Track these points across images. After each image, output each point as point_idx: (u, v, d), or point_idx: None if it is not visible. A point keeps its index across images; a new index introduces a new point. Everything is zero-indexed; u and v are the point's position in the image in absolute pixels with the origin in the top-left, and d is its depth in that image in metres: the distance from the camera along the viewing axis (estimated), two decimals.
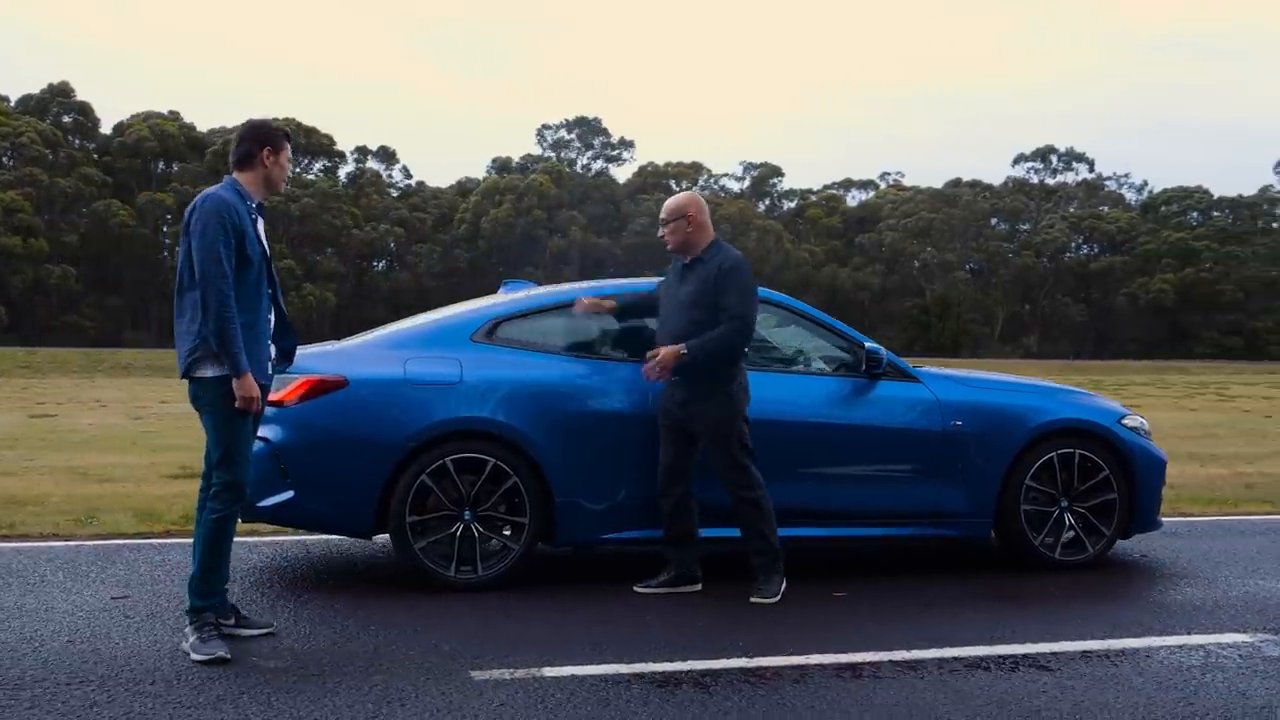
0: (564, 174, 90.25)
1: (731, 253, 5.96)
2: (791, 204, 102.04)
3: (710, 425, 5.83)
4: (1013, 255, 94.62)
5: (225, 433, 4.81)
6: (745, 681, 4.47)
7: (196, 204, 4.82)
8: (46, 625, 5.17)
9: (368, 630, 5.15)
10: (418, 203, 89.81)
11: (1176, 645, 5.08)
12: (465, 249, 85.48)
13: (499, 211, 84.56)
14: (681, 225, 6.03)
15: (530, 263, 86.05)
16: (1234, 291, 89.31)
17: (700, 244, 6.02)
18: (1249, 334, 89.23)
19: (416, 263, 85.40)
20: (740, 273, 5.85)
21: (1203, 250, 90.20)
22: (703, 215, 6.07)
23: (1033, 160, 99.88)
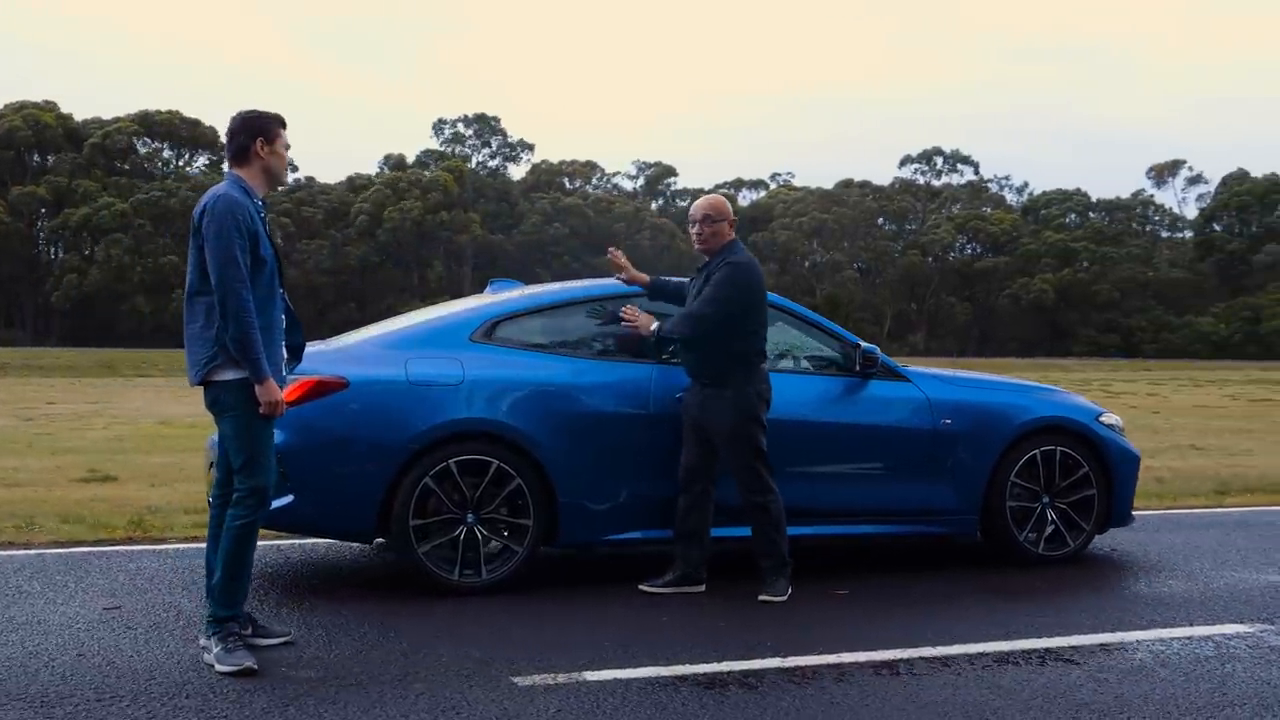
0: (465, 171, 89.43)
1: (738, 257, 5.97)
2: (684, 203, 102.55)
3: (724, 427, 5.84)
4: (899, 255, 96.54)
5: (247, 438, 4.65)
6: (789, 681, 4.48)
7: (206, 205, 4.64)
8: (47, 638, 4.95)
9: (387, 637, 5.04)
10: (305, 198, 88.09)
11: (1184, 637, 5.22)
12: (360, 245, 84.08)
13: (404, 206, 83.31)
14: (722, 227, 6.06)
15: (426, 260, 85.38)
16: (1110, 291, 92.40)
17: (721, 245, 6.04)
18: (1124, 332, 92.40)
19: (305, 259, 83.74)
20: (730, 270, 5.88)
21: (1081, 251, 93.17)
22: (731, 217, 6.14)
23: (919, 162, 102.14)
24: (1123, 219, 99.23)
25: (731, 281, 5.84)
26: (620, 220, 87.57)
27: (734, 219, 6.17)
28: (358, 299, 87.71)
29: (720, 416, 5.84)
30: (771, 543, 5.90)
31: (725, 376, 5.84)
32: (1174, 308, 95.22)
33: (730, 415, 5.82)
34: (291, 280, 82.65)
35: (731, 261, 5.90)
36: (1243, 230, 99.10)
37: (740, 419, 5.82)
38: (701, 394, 5.93)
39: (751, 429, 5.85)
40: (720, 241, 6.04)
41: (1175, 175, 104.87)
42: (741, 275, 5.87)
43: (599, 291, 6.52)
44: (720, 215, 6.08)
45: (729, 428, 5.83)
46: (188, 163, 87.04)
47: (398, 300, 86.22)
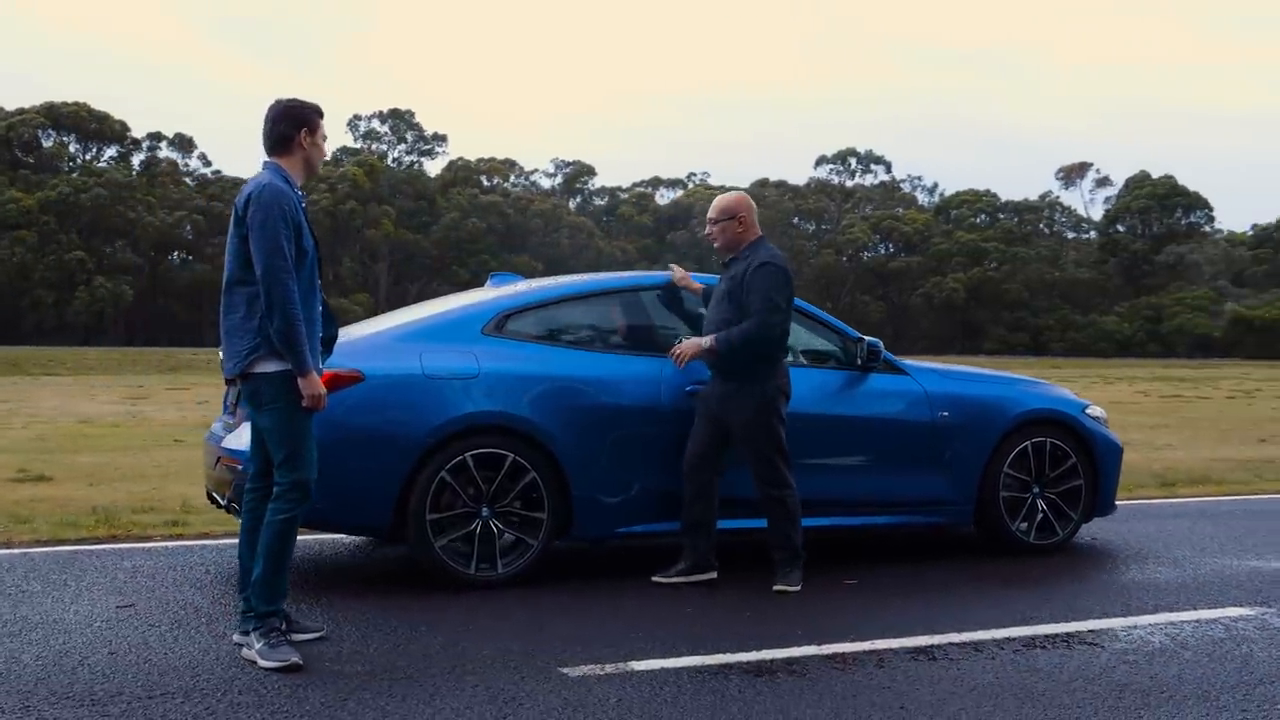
0: (377, 166, 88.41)
1: (767, 251, 6.01)
2: (603, 202, 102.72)
3: (744, 420, 5.88)
4: (815, 255, 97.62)
5: (290, 431, 4.60)
6: (833, 668, 4.55)
7: (251, 194, 4.57)
8: (71, 637, 4.84)
9: (418, 631, 5.01)
10: (217, 192, 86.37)
11: (1193, 620, 5.40)
12: None
13: (311, 200, 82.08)
14: (731, 226, 6.08)
15: (339, 256, 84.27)
16: (1019, 290, 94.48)
17: (743, 243, 6.07)
18: (1033, 330, 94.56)
19: (218, 254, 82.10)
20: (768, 270, 5.89)
21: (991, 251, 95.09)
22: (752, 215, 6.14)
23: (834, 162, 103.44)
24: (1031, 220, 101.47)
25: (781, 283, 5.88)
26: (538, 218, 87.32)
27: (743, 216, 6.11)
28: None
29: (743, 410, 5.88)
30: (786, 536, 5.97)
31: (750, 371, 5.88)
32: (1080, 306, 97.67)
33: (753, 409, 5.87)
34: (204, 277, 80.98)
35: (770, 262, 5.92)
36: (1145, 231, 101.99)
37: (763, 413, 5.88)
38: (723, 387, 5.96)
39: (773, 423, 5.91)
40: (737, 239, 6.07)
41: (1083, 177, 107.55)
42: (784, 274, 5.92)
43: (610, 284, 6.54)
44: (725, 215, 6.09)
45: (751, 421, 5.87)
46: (95, 156, 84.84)
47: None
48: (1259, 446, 15.00)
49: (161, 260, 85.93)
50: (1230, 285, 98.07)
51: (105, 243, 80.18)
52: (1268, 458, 13.53)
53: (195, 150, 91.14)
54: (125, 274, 79.40)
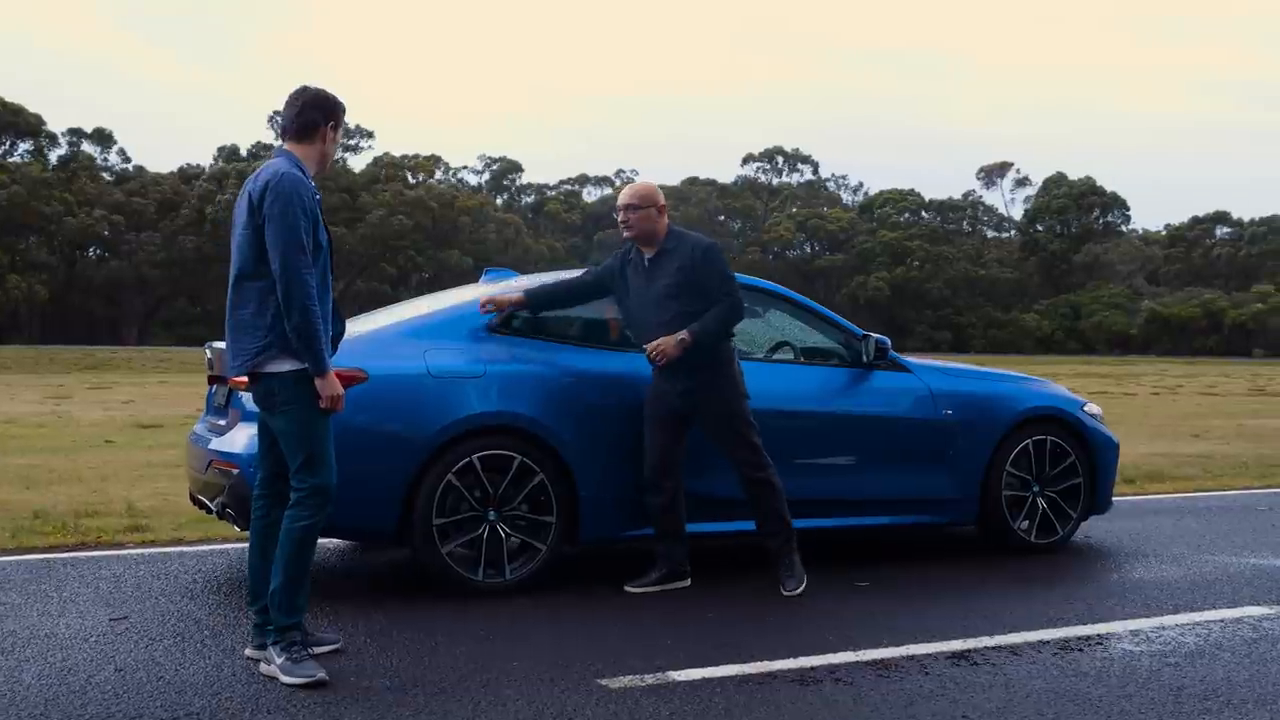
0: None
1: (697, 236, 5.89)
2: (530, 199, 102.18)
3: (720, 409, 5.72)
4: (742, 252, 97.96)
5: (308, 433, 4.35)
6: (877, 675, 4.42)
7: (269, 183, 4.31)
8: (69, 653, 4.55)
9: (437, 641, 4.79)
10: (136, 188, 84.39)
11: (1217, 620, 5.35)
12: (193, 236, 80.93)
13: (228, 199, 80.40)
14: (650, 213, 5.84)
15: None
16: (942, 289, 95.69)
17: (661, 233, 5.87)
18: (956, 328, 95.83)
19: (137, 251, 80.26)
20: (716, 253, 5.80)
21: (915, 249, 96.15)
22: (663, 204, 5.95)
23: (761, 160, 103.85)
24: (954, 219, 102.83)
25: (717, 258, 5.77)
26: (466, 215, 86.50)
27: (662, 204, 5.93)
28: (191, 293, 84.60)
29: (717, 400, 5.72)
30: (779, 517, 5.80)
31: (714, 358, 5.71)
32: (1001, 304, 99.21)
33: (729, 395, 5.72)
34: (121, 274, 78.90)
35: (713, 245, 5.83)
36: (1064, 231, 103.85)
37: (737, 397, 5.74)
38: (686, 383, 5.71)
39: (744, 405, 5.77)
40: (655, 228, 5.86)
41: (1003, 177, 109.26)
42: (716, 253, 5.81)
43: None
44: (646, 202, 5.87)
45: (728, 409, 5.72)
46: (8, 152, 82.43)
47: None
48: (1194, 442, 15.22)
49: (78, 257, 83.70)
50: (1145, 283, 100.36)
51: (19, 240, 77.87)
52: (1205, 453, 13.73)
53: (114, 145, 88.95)
54: (40, 271, 77.23)
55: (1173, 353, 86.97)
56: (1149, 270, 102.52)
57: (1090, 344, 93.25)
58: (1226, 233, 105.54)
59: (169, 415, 18.65)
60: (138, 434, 15.17)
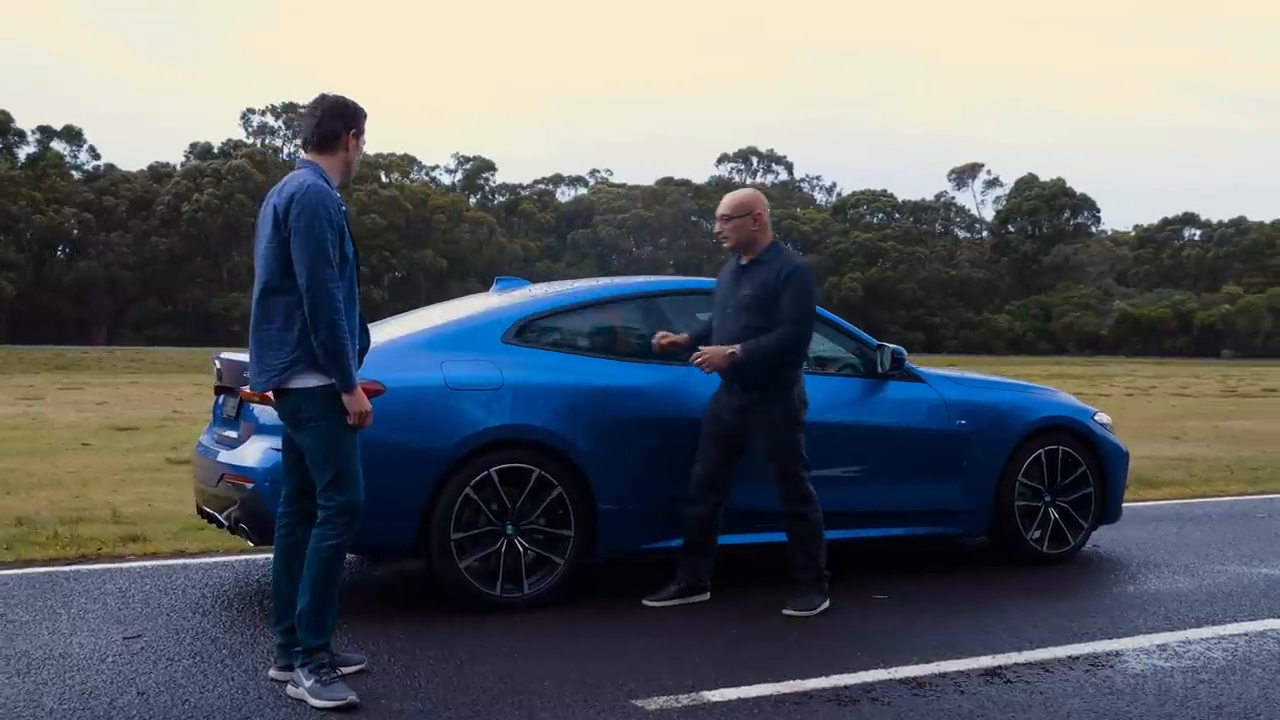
0: (270, 160, 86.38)
1: (794, 258, 5.80)
2: (504, 198, 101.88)
3: (768, 434, 5.64)
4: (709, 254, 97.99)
5: (335, 450, 4.25)
6: (913, 694, 4.37)
7: (295, 194, 4.21)
8: (86, 675, 4.44)
9: (461, 660, 4.70)
10: (106, 186, 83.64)
11: (1241, 634, 5.33)
12: (165, 236, 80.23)
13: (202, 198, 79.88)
14: (746, 223, 5.78)
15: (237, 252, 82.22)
16: (915, 289, 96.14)
17: (761, 244, 5.81)
18: (928, 329, 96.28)
19: (107, 251, 79.47)
20: (801, 278, 5.66)
21: (888, 250, 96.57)
22: (767, 214, 5.87)
23: (735, 161, 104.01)
24: (927, 220, 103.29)
25: (810, 291, 5.68)
26: (440, 214, 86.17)
27: (759, 214, 5.82)
28: (161, 293, 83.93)
29: (767, 423, 5.63)
30: (811, 555, 5.72)
31: (773, 381, 5.65)
32: (973, 305, 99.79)
33: (779, 422, 5.63)
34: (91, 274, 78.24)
35: (800, 270, 5.71)
36: (1034, 232, 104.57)
37: (788, 426, 5.64)
38: (741, 399, 5.67)
39: (797, 435, 5.69)
40: (752, 238, 5.78)
41: (974, 178, 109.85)
42: (809, 282, 5.70)
43: (629, 290, 6.29)
44: (740, 211, 5.79)
45: (777, 435, 5.64)
46: None
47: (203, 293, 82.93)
48: (1174, 445, 15.31)
49: (47, 256, 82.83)
50: (1115, 284, 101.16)
51: None
52: (1187, 456, 13.81)
53: (84, 143, 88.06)
54: (7, 270, 76.38)
55: (1142, 353, 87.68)
56: (1119, 271, 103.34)
57: (1061, 345, 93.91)
58: (1195, 234, 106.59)
59: (144, 417, 18.45)
60: (114, 436, 15.00)
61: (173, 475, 10.94)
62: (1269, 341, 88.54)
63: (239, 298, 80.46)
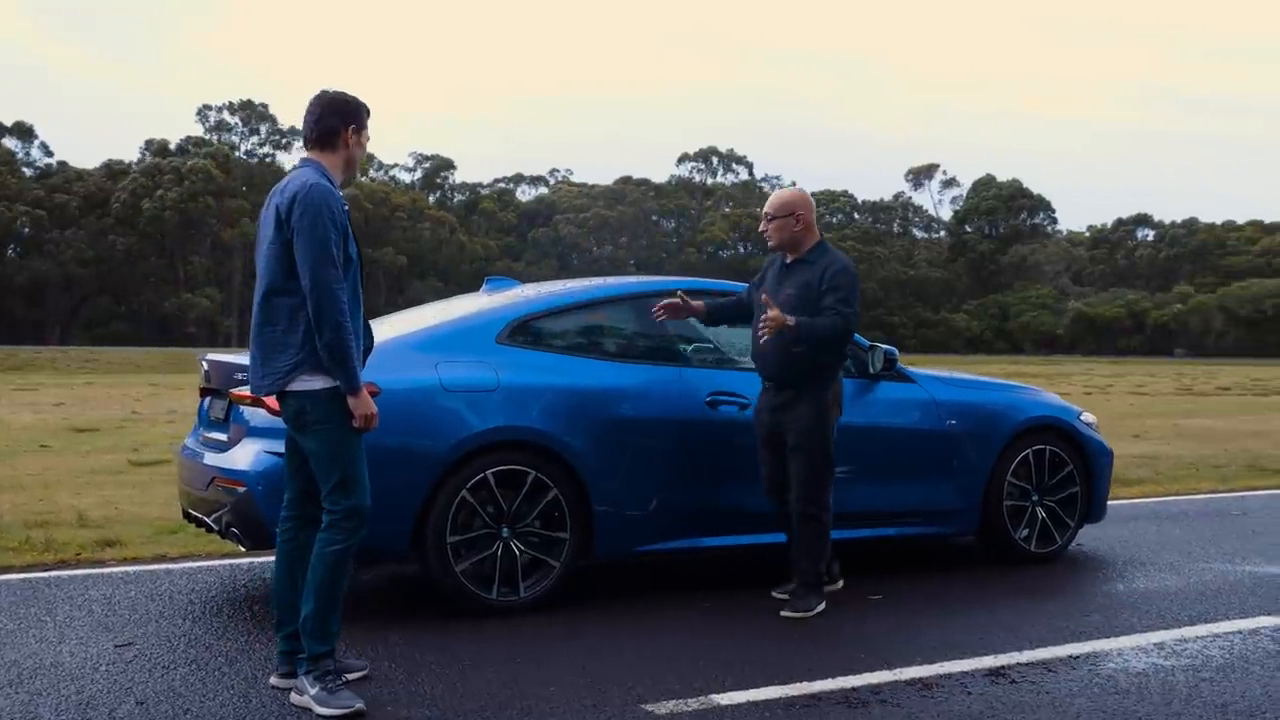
0: (231, 158, 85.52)
1: (839, 256, 5.78)
2: (463, 197, 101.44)
3: (800, 429, 5.63)
4: (677, 252, 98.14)
5: (342, 453, 4.18)
6: (921, 696, 4.36)
7: (298, 194, 4.13)
8: (83, 685, 4.34)
9: (464, 665, 4.65)
10: (60, 184, 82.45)
11: (1235, 631, 5.37)
12: (122, 234, 79.22)
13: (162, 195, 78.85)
14: (789, 223, 5.77)
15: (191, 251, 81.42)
16: (875, 289, 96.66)
17: (806, 244, 5.80)
18: (887, 329, 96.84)
19: (63, 249, 78.34)
20: (847, 277, 5.66)
21: (848, 250, 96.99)
22: (811, 215, 5.85)
23: (696, 160, 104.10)
24: (885, 219, 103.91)
25: (856, 288, 5.68)
26: (400, 212, 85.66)
27: (802, 214, 5.79)
28: (116, 292, 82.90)
29: (801, 419, 5.63)
30: (813, 561, 5.69)
31: (806, 379, 5.64)
32: (931, 305, 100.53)
33: (811, 418, 5.63)
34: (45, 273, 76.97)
35: (848, 268, 5.71)
36: (992, 232, 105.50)
37: (820, 423, 5.64)
38: (778, 397, 5.70)
39: (828, 434, 5.67)
40: (795, 238, 5.79)
41: (931, 178, 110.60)
42: (854, 277, 5.69)
43: (622, 290, 6.25)
44: (784, 211, 5.79)
45: (808, 431, 5.62)
46: None
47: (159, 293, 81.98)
48: (1136, 443, 15.45)
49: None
50: (1071, 284, 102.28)
51: None
52: (1151, 454, 13.96)
53: (35, 140, 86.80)
54: None
55: (1097, 352, 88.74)
56: (1074, 271, 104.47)
57: (1018, 344, 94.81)
58: (1148, 234, 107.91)
59: (103, 418, 18.22)
60: (73, 438, 14.79)
61: (136, 477, 10.79)
62: (1220, 340, 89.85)
63: (194, 300, 79.63)
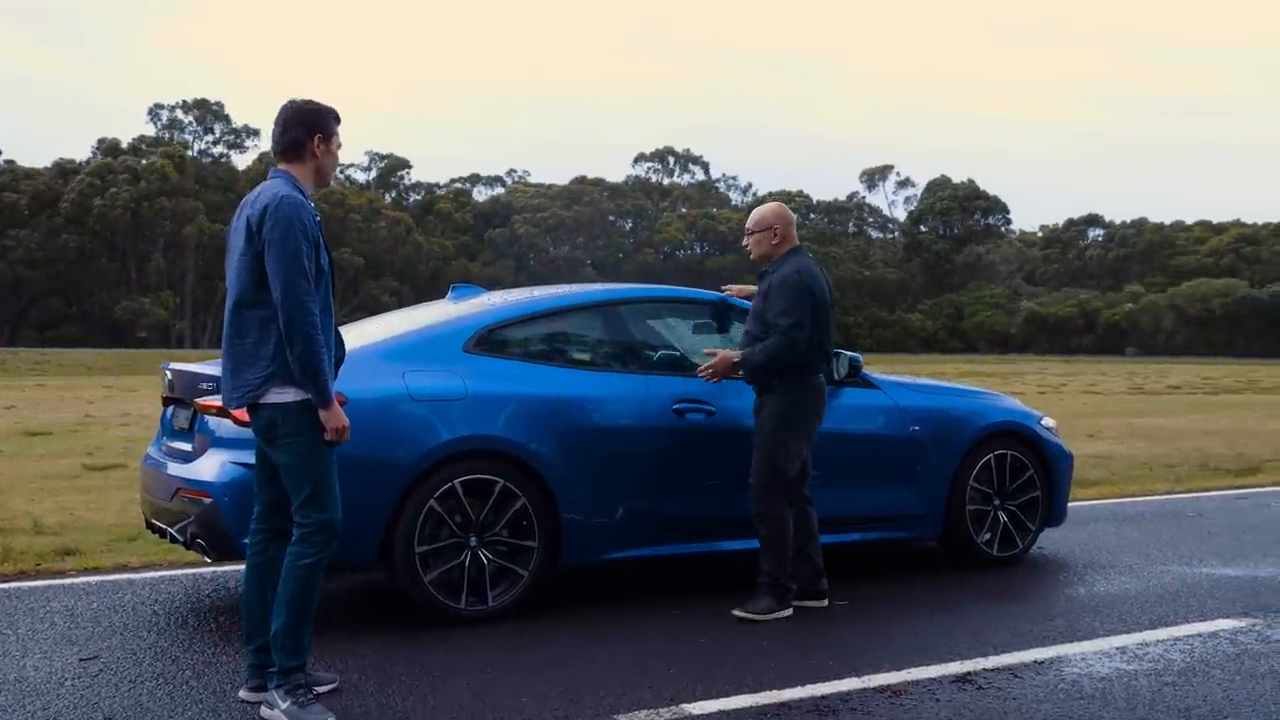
0: (185, 157, 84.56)
1: (792, 265, 5.82)
2: (419, 197, 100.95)
3: (762, 433, 5.70)
4: (634, 252, 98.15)
5: (313, 466, 4.16)
6: (889, 702, 4.40)
7: (269, 206, 4.11)
8: (49, 701, 4.29)
9: (434, 676, 4.64)
10: (8, 182, 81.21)
11: (1195, 634, 5.45)
12: (72, 234, 78.13)
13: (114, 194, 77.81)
14: (766, 237, 5.91)
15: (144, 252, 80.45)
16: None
17: (775, 257, 5.87)
18: (842, 328, 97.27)
19: (12, 249, 77.18)
20: (789, 284, 5.71)
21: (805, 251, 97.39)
22: (786, 227, 5.96)
23: (652, 160, 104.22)
24: (840, 220, 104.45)
25: (791, 289, 5.70)
26: (355, 212, 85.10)
27: (777, 228, 5.91)
28: (67, 293, 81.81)
29: (761, 421, 5.73)
30: (773, 560, 5.74)
31: (781, 386, 5.70)
32: (887, 304, 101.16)
33: (768, 421, 5.70)
34: None
35: (792, 274, 5.76)
36: (946, 232, 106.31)
37: (774, 426, 5.68)
38: (756, 401, 5.84)
39: (785, 438, 5.70)
40: (772, 250, 5.90)
41: (885, 179, 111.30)
42: (803, 287, 5.72)
43: (589, 298, 6.25)
44: (759, 226, 5.96)
45: (766, 431, 5.70)
46: None
47: (111, 295, 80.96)
48: (1091, 443, 15.66)
49: None
50: (1024, 283, 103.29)
51: None
52: (1105, 454, 14.16)
53: None
54: None
55: (1050, 351, 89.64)
56: (1028, 271, 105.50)
57: (972, 343, 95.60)
58: (1099, 234, 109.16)
59: (55, 421, 18.01)
60: (26, 442, 14.62)
61: (91, 482, 10.69)
62: (1170, 339, 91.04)
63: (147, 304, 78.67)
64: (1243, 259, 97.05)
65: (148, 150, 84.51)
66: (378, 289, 78.99)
